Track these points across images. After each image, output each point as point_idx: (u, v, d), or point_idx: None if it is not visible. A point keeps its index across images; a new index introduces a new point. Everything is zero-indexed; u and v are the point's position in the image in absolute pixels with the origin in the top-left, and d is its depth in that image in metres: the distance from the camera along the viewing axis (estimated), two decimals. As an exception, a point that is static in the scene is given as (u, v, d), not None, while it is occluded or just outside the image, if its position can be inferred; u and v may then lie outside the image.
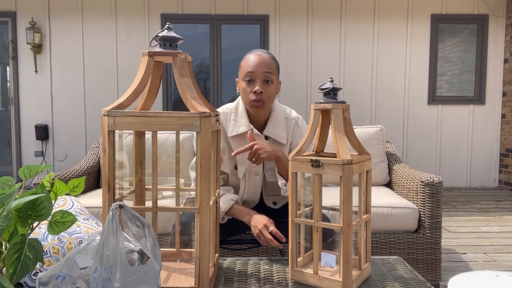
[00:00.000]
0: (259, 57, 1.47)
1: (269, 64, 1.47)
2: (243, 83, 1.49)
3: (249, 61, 1.48)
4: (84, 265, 0.81)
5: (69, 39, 5.22)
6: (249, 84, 1.48)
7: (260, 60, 1.47)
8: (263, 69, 1.46)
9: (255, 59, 1.47)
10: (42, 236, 0.99)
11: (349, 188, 1.00)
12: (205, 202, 0.93)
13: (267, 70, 1.46)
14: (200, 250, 0.94)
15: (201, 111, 0.91)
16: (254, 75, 1.46)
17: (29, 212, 0.78)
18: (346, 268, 1.01)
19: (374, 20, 5.37)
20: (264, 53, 1.49)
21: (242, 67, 1.51)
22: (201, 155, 0.92)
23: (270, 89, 1.48)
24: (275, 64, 1.51)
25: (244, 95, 1.51)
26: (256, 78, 1.46)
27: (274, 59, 1.52)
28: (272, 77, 1.48)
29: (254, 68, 1.46)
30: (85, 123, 5.31)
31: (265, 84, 1.47)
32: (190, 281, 1.02)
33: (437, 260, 2.17)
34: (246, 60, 1.50)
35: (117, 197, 0.98)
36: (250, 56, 1.50)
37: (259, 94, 1.46)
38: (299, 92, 5.39)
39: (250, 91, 1.47)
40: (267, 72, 1.46)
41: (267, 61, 1.47)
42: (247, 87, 1.48)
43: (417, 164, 5.38)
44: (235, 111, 1.57)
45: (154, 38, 1.00)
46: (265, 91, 1.47)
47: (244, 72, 1.48)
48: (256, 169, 1.58)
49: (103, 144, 0.92)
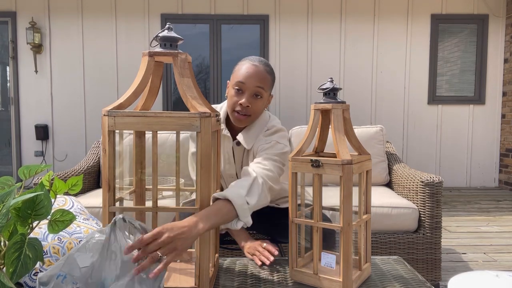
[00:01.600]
0: (255, 69, 1.39)
1: (262, 78, 1.39)
2: (232, 90, 1.42)
3: (243, 70, 1.39)
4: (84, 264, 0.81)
5: (69, 39, 5.22)
6: (238, 93, 1.40)
7: (255, 72, 1.38)
8: (255, 82, 1.38)
9: (250, 70, 1.38)
10: (42, 236, 0.99)
11: (349, 188, 1.00)
12: (205, 202, 0.93)
13: (258, 84, 1.38)
14: (200, 250, 0.94)
15: (201, 111, 0.91)
16: (244, 87, 1.38)
17: (29, 211, 0.78)
18: (346, 268, 1.01)
19: (374, 20, 5.37)
20: (262, 65, 1.41)
21: (234, 73, 1.43)
22: (201, 155, 0.92)
23: (257, 104, 1.40)
24: (270, 78, 1.43)
25: (230, 103, 1.43)
26: (246, 90, 1.38)
27: (270, 73, 1.43)
28: (263, 92, 1.40)
29: (245, 79, 1.38)
30: (85, 123, 5.31)
31: (253, 98, 1.39)
32: (190, 281, 1.02)
33: (437, 260, 2.17)
34: (240, 68, 1.41)
35: (117, 197, 0.98)
36: (246, 64, 1.41)
37: (245, 107, 1.38)
38: (299, 92, 5.39)
39: (237, 101, 1.39)
40: (258, 87, 1.38)
41: (262, 75, 1.39)
42: (235, 96, 1.40)
43: (417, 164, 5.38)
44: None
45: (154, 38, 1.00)
46: (252, 105, 1.39)
47: (235, 80, 1.40)
48: (230, 171, 1.53)
49: (103, 144, 0.92)
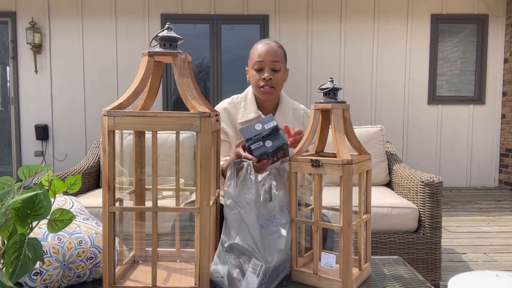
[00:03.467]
0: (267, 46, 1.55)
1: (276, 53, 1.55)
2: (252, 71, 1.57)
3: (258, 50, 1.56)
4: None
5: (69, 39, 5.22)
6: (259, 72, 1.56)
7: (268, 49, 1.55)
8: (271, 58, 1.54)
9: (264, 48, 1.55)
10: (42, 236, 0.99)
11: (349, 188, 1.00)
12: (205, 202, 0.93)
13: (274, 59, 1.54)
14: (200, 250, 0.94)
15: (201, 111, 0.91)
16: (263, 64, 1.54)
17: (28, 211, 0.78)
18: (346, 268, 1.01)
19: (374, 20, 5.37)
20: (272, 42, 1.58)
21: (251, 56, 1.59)
22: (201, 155, 0.92)
23: (278, 76, 1.56)
24: (283, 52, 1.59)
25: (254, 82, 1.58)
26: (265, 66, 1.54)
27: (281, 47, 1.60)
28: (280, 65, 1.56)
29: (262, 57, 1.54)
30: (85, 123, 5.31)
31: (273, 72, 1.55)
32: (190, 281, 1.02)
33: (437, 260, 2.17)
34: (255, 49, 1.58)
35: (117, 197, 0.98)
36: (258, 45, 1.58)
37: (268, 80, 1.54)
38: (299, 92, 5.39)
39: (260, 78, 1.55)
40: (275, 61, 1.54)
41: (275, 50, 1.55)
42: (257, 75, 1.56)
43: (417, 164, 5.38)
44: (244, 99, 1.65)
45: (154, 38, 1.00)
46: (274, 78, 1.55)
47: (253, 61, 1.56)
48: None
49: (103, 144, 0.92)
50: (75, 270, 1.01)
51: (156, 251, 0.95)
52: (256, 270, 0.96)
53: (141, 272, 1.08)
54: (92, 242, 1.05)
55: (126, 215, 1.21)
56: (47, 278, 0.96)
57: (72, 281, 1.03)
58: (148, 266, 1.12)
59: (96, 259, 1.04)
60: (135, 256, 1.15)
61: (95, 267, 1.05)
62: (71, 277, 1.01)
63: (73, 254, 1.00)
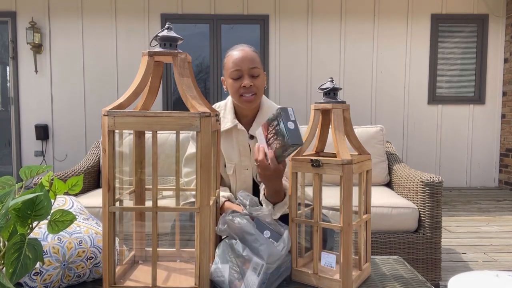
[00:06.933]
0: (243, 53, 1.47)
1: (253, 58, 1.48)
2: (230, 80, 1.49)
3: (233, 58, 1.48)
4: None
5: (69, 39, 5.22)
6: (237, 80, 1.48)
7: (244, 55, 1.47)
8: (248, 64, 1.46)
9: (239, 55, 1.47)
10: (42, 236, 0.99)
11: (349, 188, 1.00)
12: (205, 202, 0.93)
13: (252, 65, 1.47)
14: (200, 250, 0.94)
15: (201, 111, 0.91)
16: (241, 72, 1.47)
17: (28, 211, 0.78)
18: (346, 268, 1.01)
19: (374, 20, 5.37)
20: (246, 47, 1.50)
21: (226, 65, 1.50)
22: (201, 155, 0.92)
23: (258, 82, 1.49)
24: (258, 56, 1.52)
25: (233, 92, 1.50)
26: (243, 74, 1.47)
27: (256, 52, 1.53)
28: (258, 70, 1.48)
29: (239, 64, 1.46)
30: (85, 123, 5.31)
31: (253, 78, 1.48)
32: (190, 281, 1.02)
33: (437, 260, 2.17)
34: (229, 57, 1.49)
35: (117, 197, 0.98)
36: (233, 52, 1.49)
37: (249, 88, 1.46)
38: (299, 92, 5.39)
39: (239, 86, 1.47)
40: (253, 68, 1.47)
41: (251, 56, 1.48)
42: (235, 83, 1.48)
43: (417, 164, 5.38)
44: (224, 108, 1.59)
45: (154, 38, 1.00)
46: (254, 84, 1.47)
47: (229, 70, 1.48)
48: (245, 163, 1.56)
49: (103, 144, 0.92)
50: (75, 270, 1.01)
51: (156, 251, 0.95)
52: (257, 269, 0.96)
53: (141, 272, 1.08)
54: (92, 242, 1.05)
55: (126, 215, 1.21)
56: (47, 278, 0.96)
57: (72, 281, 1.03)
58: (148, 266, 1.12)
59: (96, 259, 1.04)
60: (135, 256, 1.15)
61: (95, 267, 1.05)
62: (71, 277, 1.02)
63: (73, 254, 1.00)
